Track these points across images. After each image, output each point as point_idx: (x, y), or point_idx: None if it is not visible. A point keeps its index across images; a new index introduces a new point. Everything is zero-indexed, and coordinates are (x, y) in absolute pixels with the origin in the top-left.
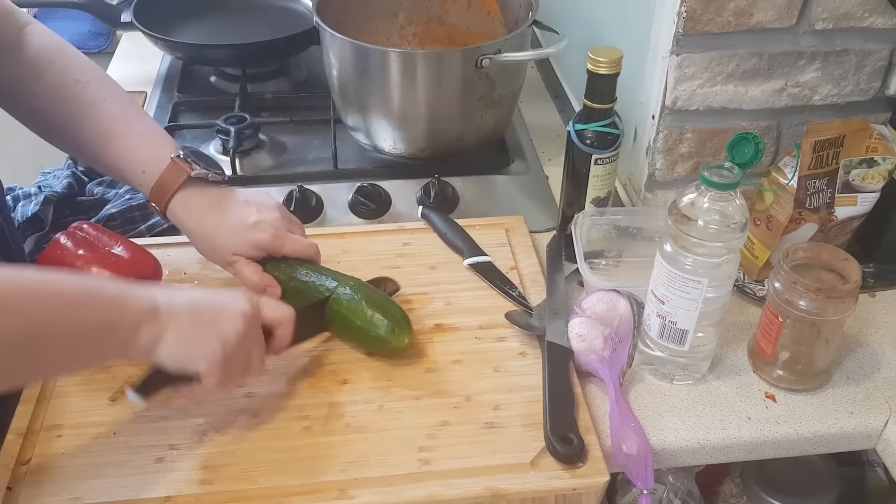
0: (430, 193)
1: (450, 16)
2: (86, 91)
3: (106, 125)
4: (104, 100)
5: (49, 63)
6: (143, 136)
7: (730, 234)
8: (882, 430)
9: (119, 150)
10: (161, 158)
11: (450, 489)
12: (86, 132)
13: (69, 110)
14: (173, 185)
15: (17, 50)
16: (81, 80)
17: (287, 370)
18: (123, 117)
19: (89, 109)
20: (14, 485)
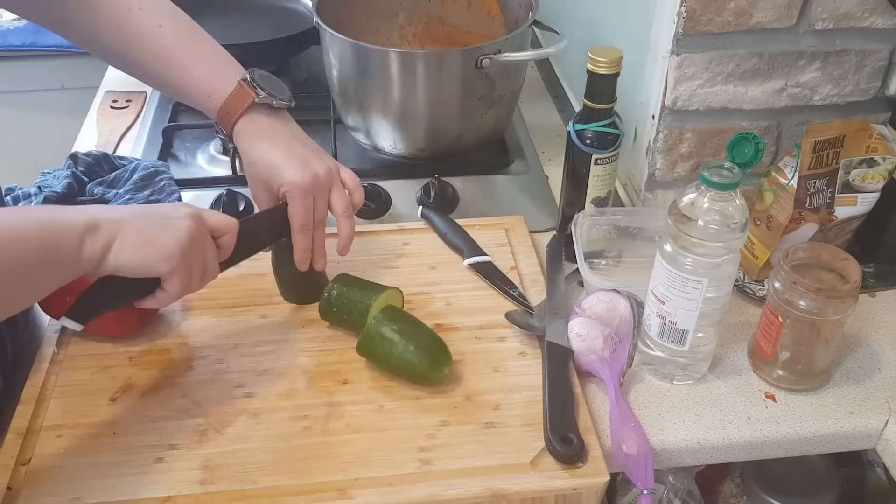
0: (430, 193)
1: (450, 16)
2: (142, 20)
3: (165, 52)
4: (160, 26)
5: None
6: (205, 61)
7: (730, 234)
8: (882, 430)
9: (181, 76)
10: (226, 83)
11: (450, 489)
12: (149, 61)
13: (129, 41)
14: (238, 110)
15: None
16: (134, 7)
17: (287, 370)
18: (183, 43)
19: (147, 39)
20: (14, 485)
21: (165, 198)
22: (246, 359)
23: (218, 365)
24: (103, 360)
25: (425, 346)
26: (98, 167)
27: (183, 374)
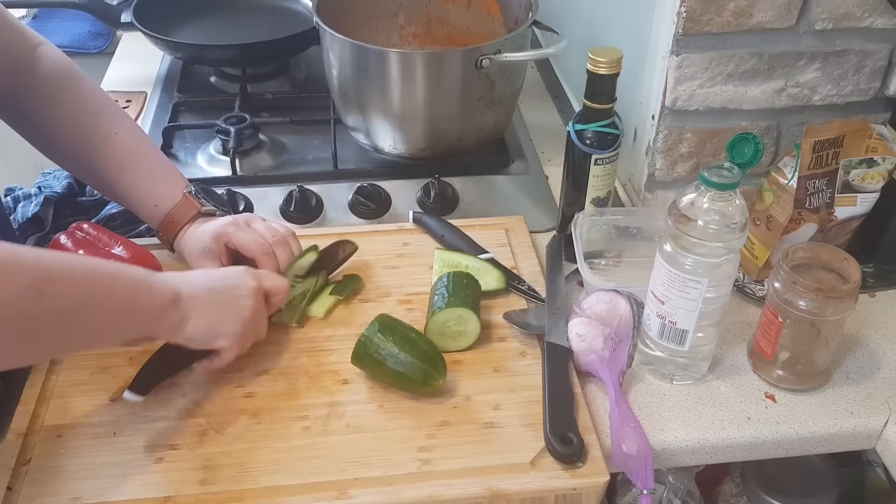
0: (430, 193)
1: (450, 16)
2: (99, 123)
3: (119, 159)
4: (116, 133)
5: (62, 90)
6: (156, 172)
7: (730, 234)
8: (882, 430)
9: (132, 183)
10: (173, 194)
11: (450, 489)
12: (99, 163)
13: (82, 141)
14: (183, 220)
15: (32, 72)
16: (93, 110)
17: (287, 370)
18: (136, 151)
19: (101, 142)
20: (14, 485)
21: None
22: (246, 359)
23: None
24: (103, 360)
25: (418, 358)
26: None
27: (183, 374)
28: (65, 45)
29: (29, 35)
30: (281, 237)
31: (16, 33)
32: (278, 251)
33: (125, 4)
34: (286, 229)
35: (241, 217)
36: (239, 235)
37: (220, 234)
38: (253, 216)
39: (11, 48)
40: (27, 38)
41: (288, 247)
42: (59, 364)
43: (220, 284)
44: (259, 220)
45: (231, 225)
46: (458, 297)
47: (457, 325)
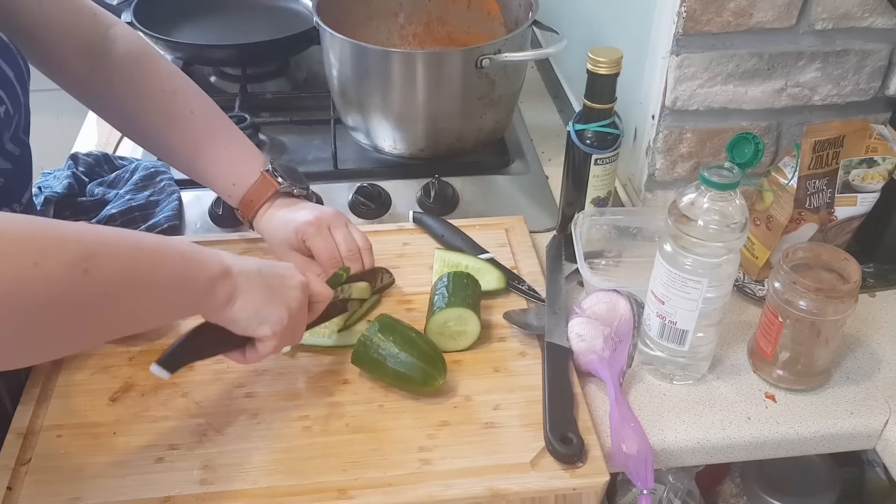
0: (430, 193)
1: (450, 16)
2: (173, 103)
3: (195, 138)
4: (192, 112)
5: (136, 71)
6: (232, 150)
7: (730, 234)
8: (882, 430)
9: (209, 163)
10: (250, 172)
11: (450, 489)
12: (176, 143)
13: (158, 121)
14: (261, 199)
15: (107, 54)
16: (168, 90)
17: (287, 370)
18: (212, 130)
19: (177, 122)
20: (14, 485)
21: (166, 198)
22: None
23: (218, 365)
24: (103, 360)
25: (418, 358)
26: (98, 167)
27: (183, 374)
28: None
29: (102, 16)
30: (355, 252)
31: (89, 16)
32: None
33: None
34: (364, 241)
35: (326, 216)
36: (315, 239)
37: (300, 230)
38: (338, 218)
39: (85, 32)
40: (100, 21)
41: (359, 263)
42: (58, 364)
43: (270, 270)
44: (342, 226)
45: (312, 225)
46: (458, 297)
47: (457, 325)
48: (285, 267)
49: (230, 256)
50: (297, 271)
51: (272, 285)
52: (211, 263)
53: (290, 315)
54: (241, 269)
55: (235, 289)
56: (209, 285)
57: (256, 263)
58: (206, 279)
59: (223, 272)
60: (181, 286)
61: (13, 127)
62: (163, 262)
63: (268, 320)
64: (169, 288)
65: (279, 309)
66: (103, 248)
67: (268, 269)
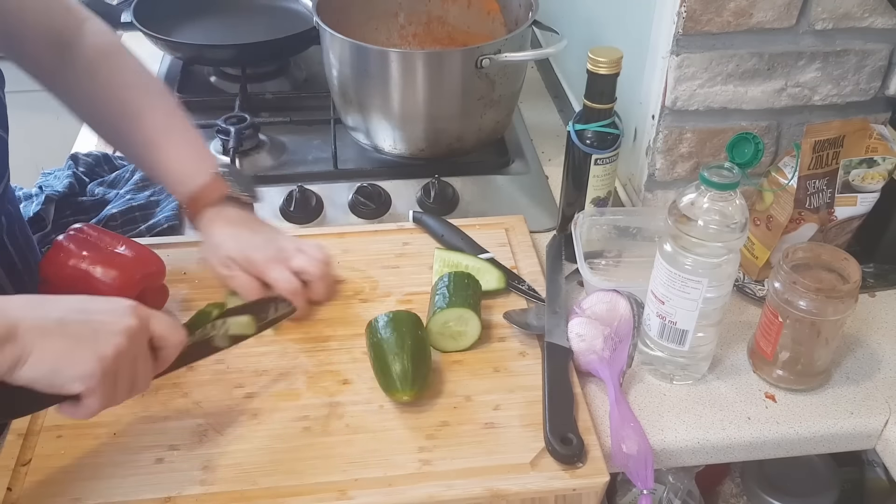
0: (430, 193)
1: (450, 16)
2: (134, 98)
3: (151, 134)
4: (151, 108)
5: (99, 65)
6: (186, 149)
7: (730, 234)
8: (882, 430)
9: (162, 158)
10: (201, 172)
11: (450, 489)
12: (133, 138)
13: (118, 114)
14: (207, 199)
15: (77, 47)
16: (131, 85)
17: (287, 370)
18: (169, 128)
19: (136, 116)
20: (14, 485)
21: (166, 198)
22: (246, 359)
23: (218, 365)
24: None
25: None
26: (98, 167)
27: (183, 374)
28: None
29: (75, 11)
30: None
31: (62, 10)
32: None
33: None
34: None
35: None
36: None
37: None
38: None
39: (57, 24)
40: (73, 14)
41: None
42: None
43: (81, 316)
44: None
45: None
46: (459, 297)
47: (457, 325)
48: (113, 310)
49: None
50: (128, 314)
51: (78, 334)
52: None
53: (102, 364)
54: (33, 324)
55: (24, 349)
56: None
57: (65, 310)
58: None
59: (7, 334)
60: None
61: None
62: None
63: (73, 376)
64: None
65: (86, 361)
66: None
67: (80, 316)
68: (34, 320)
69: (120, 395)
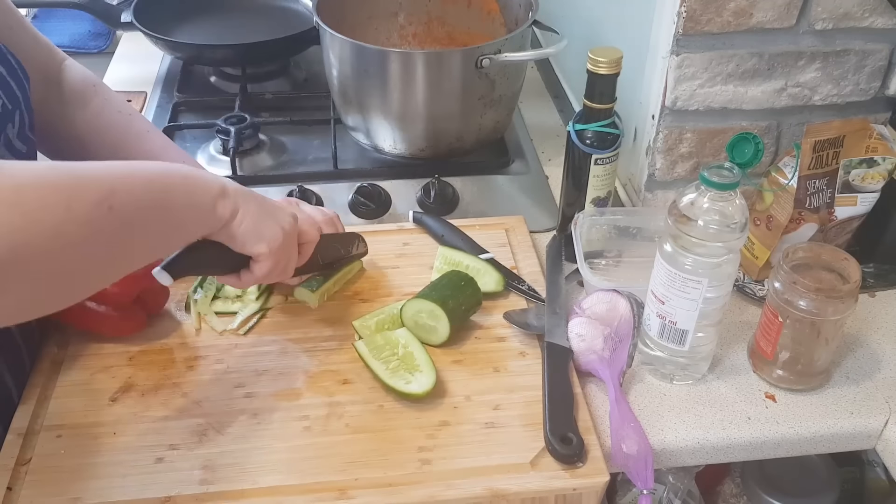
0: (430, 193)
1: (450, 16)
2: (131, 122)
3: (154, 153)
4: (147, 131)
5: (92, 94)
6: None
7: (730, 234)
8: (882, 430)
9: None
10: None
11: (450, 489)
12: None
13: (115, 138)
14: None
15: (60, 81)
16: (124, 112)
17: (287, 370)
18: (169, 148)
19: (137, 138)
20: (14, 485)
21: None
22: (246, 359)
23: (218, 365)
24: (103, 360)
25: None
26: None
27: (183, 374)
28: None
29: (56, 51)
30: (329, 218)
31: (46, 48)
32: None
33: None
34: (331, 211)
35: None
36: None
37: None
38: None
39: (42, 63)
40: (55, 54)
41: (334, 227)
42: (58, 364)
43: (262, 197)
44: (305, 203)
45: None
46: (438, 293)
47: (429, 319)
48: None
49: (224, 178)
50: (289, 206)
51: (266, 207)
52: (211, 183)
53: (284, 235)
54: (236, 189)
55: (235, 206)
56: (212, 203)
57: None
58: (210, 198)
59: (222, 190)
60: (189, 207)
61: (17, 123)
62: (171, 187)
63: (264, 237)
64: (179, 210)
65: (274, 227)
66: (121, 184)
67: (260, 196)
68: (236, 187)
69: (277, 272)
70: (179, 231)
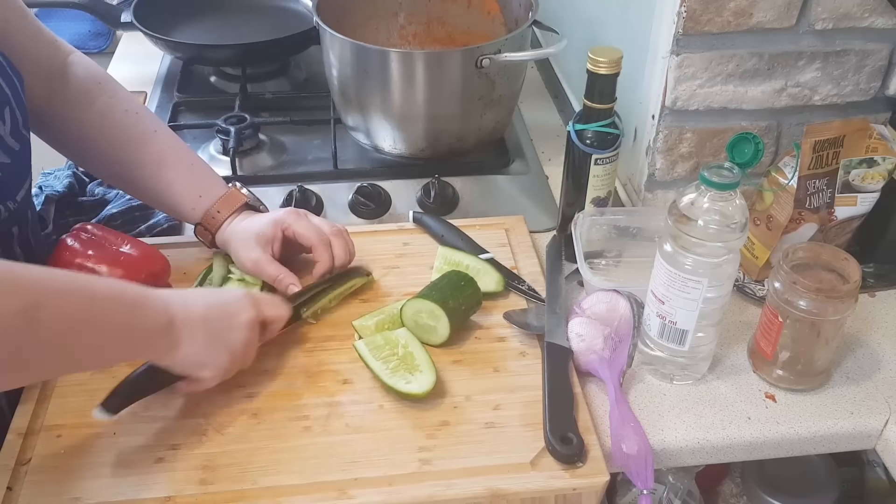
0: (430, 193)
1: (450, 16)
2: (137, 121)
3: (160, 154)
4: (155, 131)
5: (98, 92)
6: (197, 167)
7: (730, 234)
8: (882, 430)
9: (175, 177)
10: (218, 185)
11: (450, 489)
12: (138, 160)
13: (121, 138)
14: (229, 210)
15: (65, 78)
16: (131, 110)
17: (287, 370)
18: (176, 148)
19: (143, 138)
20: (14, 485)
21: None
22: None
23: None
24: None
25: None
26: None
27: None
28: None
29: (61, 45)
30: (337, 230)
31: (49, 44)
32: (335, 242)
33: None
34: (340, 225)
35: (299, 209)
36: (299, 224)
37: (279, 220)
38: (306, 211)
39: (45, 56)
40: (59, 48)
41: (343, 239)
42: None
43: (217, 313)
44: (313, 215)
45: (291, 213)
46: (438, 293)
47: (429, 319)
48: (235, 302)
49: (178, 301)
50: (248, 305)
51: (216, 332)
52: (157, 315)
53: (231, 358)
54: (185, 319)
55: (177, 339)
56: (154, 336)
57: (204, 307)
58: (152, 330)
59: (167, 324)
60: (126, 335)
61: (9, 121)
62: (111, 312)
63: (208, 365)
64: (115, 336)
65: (221, 355)
66: (53, 298)
67: (216, 312)
68: (185, 315)
69: (231, 372)
70: (109, 355)
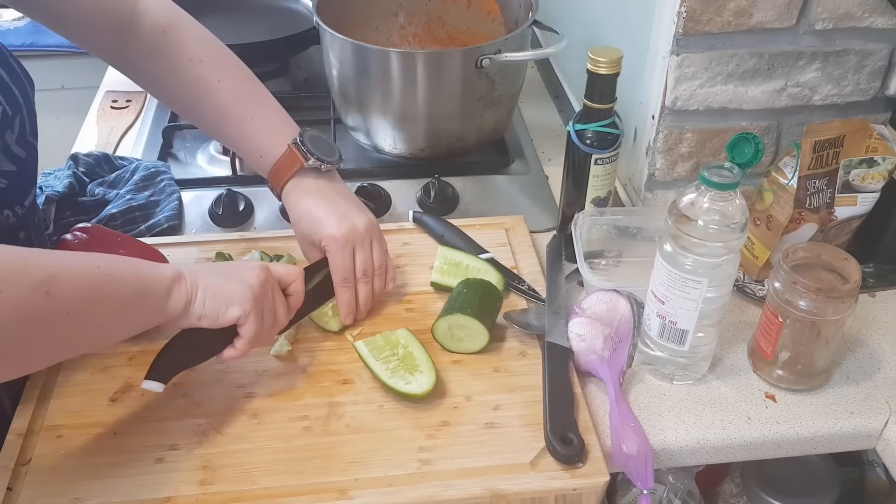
0: (430, 193)
1: (450, 16)
2: (200, 72)
3: (222, 107)
4: (219, 81)
5: (163, 43)
6: (260, 121)
7: (730, 234)
8: (882, 430)
9: (236, 133)
10: (276, 145)
11: (450, 489)
12: (206, 113)
13: (188, 90)
14: (287, 172)
15: (136, 28)
16: (195, 59)
17: (287, 370)
18: (240, 99)
19: (205, 90)
20: (14, 485)
21: (166, 198)
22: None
23: (218, 365)
24: (103, 360)
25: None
26: (98, 167)
27: (183, 375)
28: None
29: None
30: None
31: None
32: (360, 287)
33: None
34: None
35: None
36: (335, 256)
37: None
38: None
39: (110, 9)
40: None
41: (368, 287)
42: (58, 364)
43: (221, 266)
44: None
45: (338, 242)
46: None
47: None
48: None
49: (181, 265)
50: (255, 261)
51: (227, 272)
52: (163, 272)
53: (252, 290)
54: (192, 271)
55: (191, 287)
56: (165, 292)
57: (208, 265)
58: (163, 286)
59: (176, 276)
60: (139, 298)
61: (17, 129)
62: (119, 277)
63: (232, 301)
64: (128, 301)
65: (240, 287)
66: (63, 270)
67: (219, 267)
68: (191, 269)
69: (267, 326)
70: (128, 323)
